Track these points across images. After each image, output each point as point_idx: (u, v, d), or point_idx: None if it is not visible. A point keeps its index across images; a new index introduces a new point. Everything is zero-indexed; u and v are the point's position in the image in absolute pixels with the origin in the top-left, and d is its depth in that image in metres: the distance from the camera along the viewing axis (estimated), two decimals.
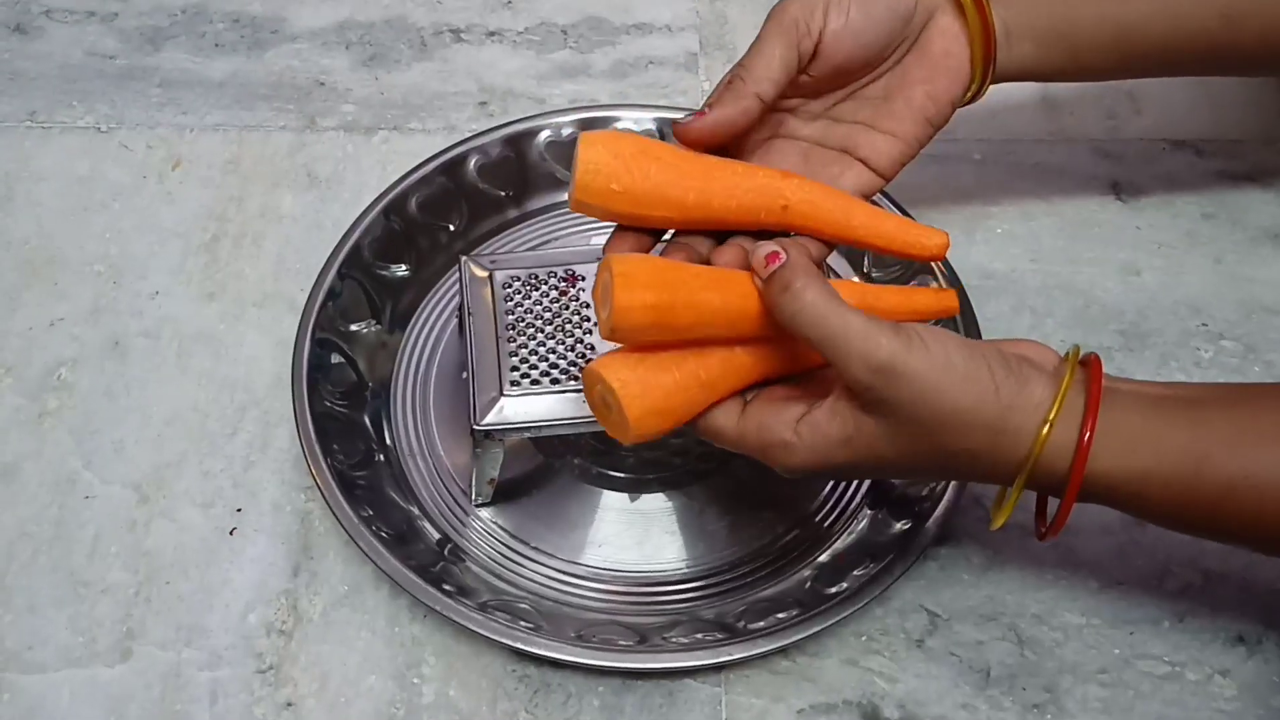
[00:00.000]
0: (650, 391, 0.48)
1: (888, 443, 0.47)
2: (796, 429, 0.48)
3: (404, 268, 0.67)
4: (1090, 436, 0.46)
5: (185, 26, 0.81)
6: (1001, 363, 0.47)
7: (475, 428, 0.55)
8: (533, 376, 0.56)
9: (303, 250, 0.70)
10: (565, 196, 0.70)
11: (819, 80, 0.56)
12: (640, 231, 0.53)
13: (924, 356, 0.46)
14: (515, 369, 0.57)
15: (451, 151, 0.69)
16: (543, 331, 0.58)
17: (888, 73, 0.57)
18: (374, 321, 0.65)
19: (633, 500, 0.61)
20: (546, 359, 0.57)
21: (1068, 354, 0.49)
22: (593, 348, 0.57)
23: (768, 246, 0.49)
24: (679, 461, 0.62)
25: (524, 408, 0.56)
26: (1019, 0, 0.58)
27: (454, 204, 0.69)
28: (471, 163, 0.69)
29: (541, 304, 0.59)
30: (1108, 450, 0.47)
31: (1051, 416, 0.46)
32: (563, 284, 0.60)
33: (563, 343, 0.57)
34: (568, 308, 0.59)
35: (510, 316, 0.58)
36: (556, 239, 0.70)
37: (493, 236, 0.70)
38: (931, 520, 0.56)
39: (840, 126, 0.57)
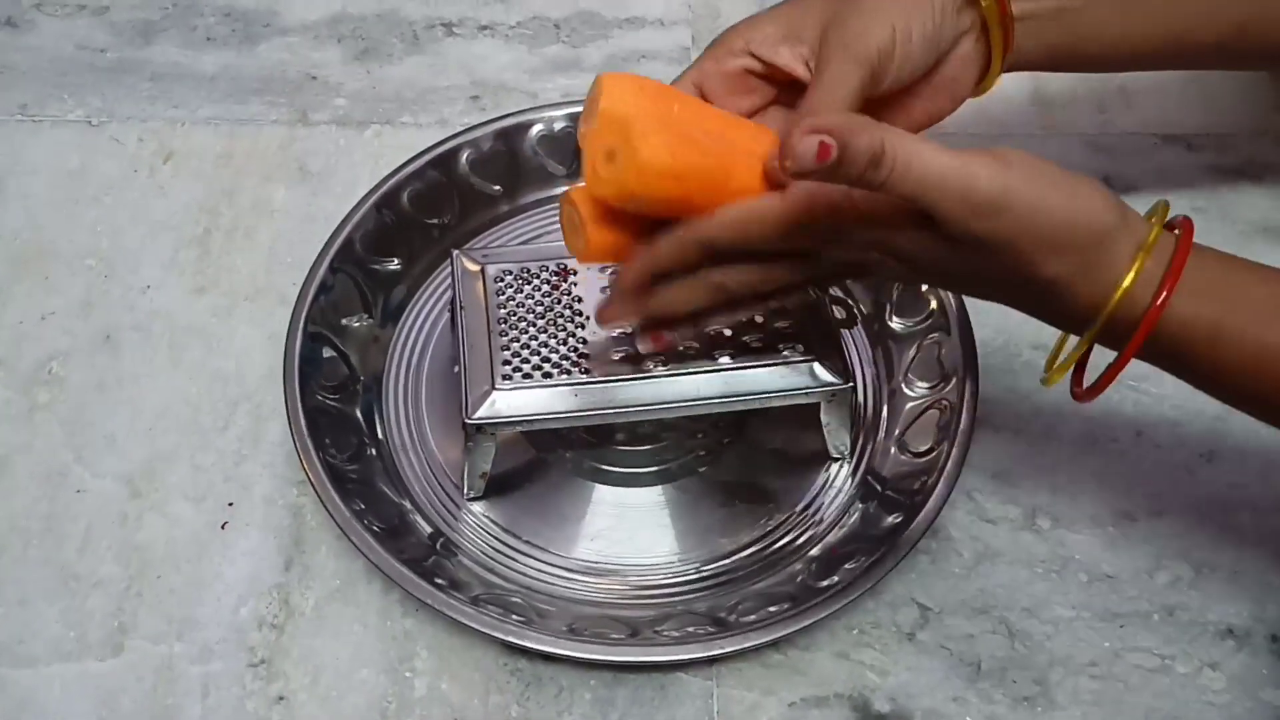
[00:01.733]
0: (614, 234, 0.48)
1: (965, 265, 0.46)
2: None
3: (396, 262, 0.67)
4: (1173, 284, 0.44)
5: (176, 20, 0.81)
6: (1104, 186, 0.46)
7: (467, 421, 0.55)
8: (525, 370, 0.56)
9: (294, 244, 0.70)
10: (557, 191, 0.70)
11: None
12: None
13: (1025, 173, 0.44)
14: (507, 363, 0.57)
15: (443, 145, 0.69)
16: (534, 325, 0.58)
17: None
18: (366, 315, 0.65)
19: (625, 494, 0.61)
20: (539, 353, 0.57)
21: (1154, 208, 0.48)
22: (585, 341, 0.57)
23: (811, 140, 0.42)
24: (672, 456, 0.62)
25: (516, 401, 0.56)
26: (1034, 15, 0.57)
27: (446, 198, 0.69)
28: (464, 157, 0.69)
29: (534, 298, 0.59)
30: (1186, 290, 0.45)
31: (1151, 238, 0.45)
32: (554, 278, 0.60)
33: (555, 336, 0.57)
34: (560, 301, 0.59)
35: (502, 310, 0.58)
36: (548, 233, 0.70)
37: (485, 231, 0.69)
38: (922, 514, 0.56)
39: None
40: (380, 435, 0.62)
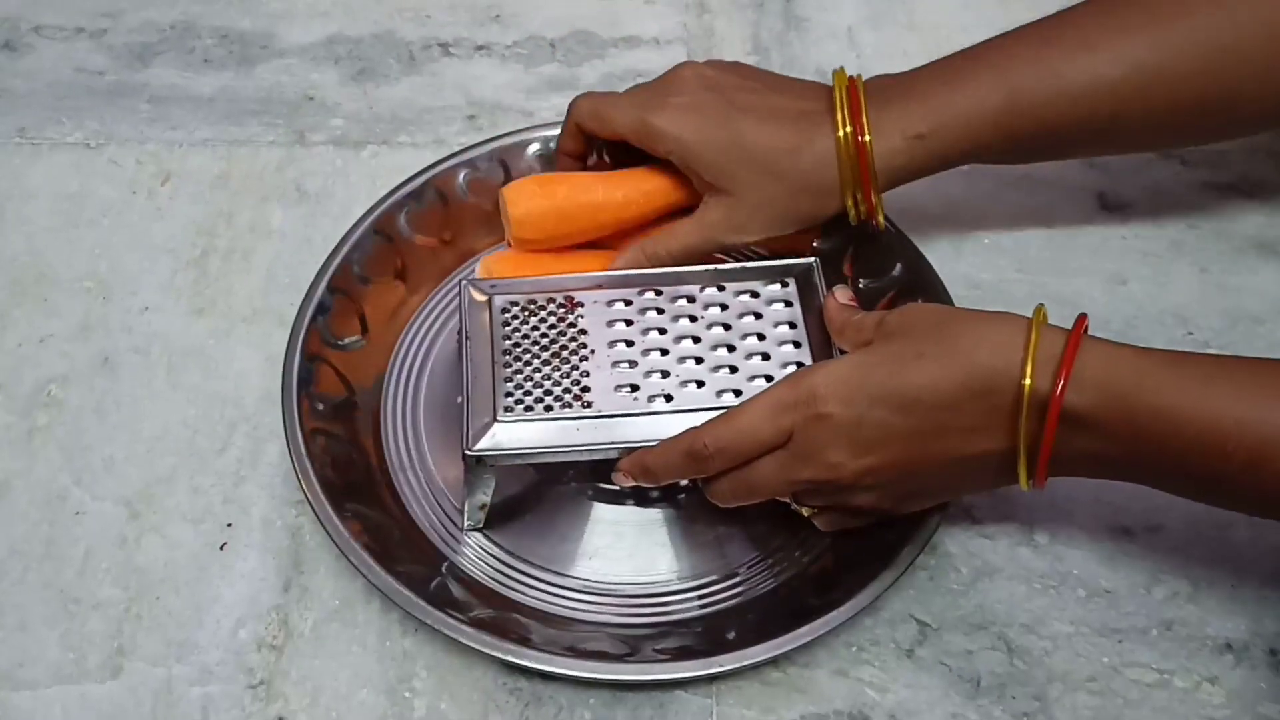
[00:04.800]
0: (537, 200, 0.61)
1: (907, 358, 0.51)
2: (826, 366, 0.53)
3: (394, 282, 0.67)
4: (1072, 354, 0.49)
5: (174, 43, 0.82)
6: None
7: (467, 453, 0.55)
8: (527, 403, 0.56)
9: (292, 265, 0.70)
10: None
11: None
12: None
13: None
14: (510, 395, 0.56)
15: (440, 165, 0.69)
16: (539, 358, 0.58)
17: None
18: (364, 336, 0.65)
19: (624, 513, 0.61)
20: (542, 385, 0.57)
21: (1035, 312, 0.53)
22: (588, 374, 0.57)
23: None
24: None
25: (518, 434, 0.55)
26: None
27: (443, 218, 0.69)
28: (460, 176, 0.69)
29: (539, 330, 0.59)
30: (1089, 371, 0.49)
31: (1035, 337, 0.51)
32: (561, 310, 0.59)
33: (558, 369, 0.57)
34: (565, 334, 0.58)
35: (507, 342, 0.58)
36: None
37: (482, 251, 0.70)
38: (921, 530, 0.57)
39: None
40: (379, 455, 0.62)
